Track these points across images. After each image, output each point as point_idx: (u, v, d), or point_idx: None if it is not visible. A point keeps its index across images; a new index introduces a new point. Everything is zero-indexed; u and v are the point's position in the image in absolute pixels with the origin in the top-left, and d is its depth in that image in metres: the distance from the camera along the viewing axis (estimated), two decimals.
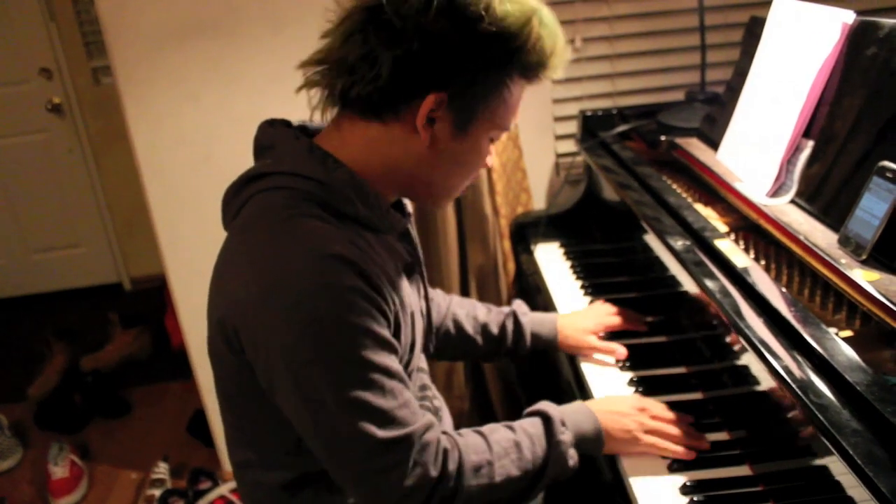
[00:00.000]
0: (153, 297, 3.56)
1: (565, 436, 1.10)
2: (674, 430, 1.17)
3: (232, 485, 2.33)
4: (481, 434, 1.07)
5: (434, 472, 0.97)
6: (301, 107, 1.12)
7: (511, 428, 1.09)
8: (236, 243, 0.99)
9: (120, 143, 3.30)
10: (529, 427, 1.10)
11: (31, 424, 2.89)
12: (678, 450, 1.15)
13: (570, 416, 1.13)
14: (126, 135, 1.99)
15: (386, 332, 0.95)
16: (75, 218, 3.90)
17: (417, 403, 1.00)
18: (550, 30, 0.96)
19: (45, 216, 3.86)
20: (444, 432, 1.04)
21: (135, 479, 2.56)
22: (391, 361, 0.95)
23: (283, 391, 0.95)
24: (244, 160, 1.10)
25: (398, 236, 1.08)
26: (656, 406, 1.21)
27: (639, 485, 1.10)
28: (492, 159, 1.08)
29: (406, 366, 1.05)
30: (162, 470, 2.47)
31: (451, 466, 0.99)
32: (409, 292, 1.08)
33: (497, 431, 1.08)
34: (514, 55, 0.95)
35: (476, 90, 0.95)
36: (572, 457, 1.10)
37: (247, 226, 0.98)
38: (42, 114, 3.64)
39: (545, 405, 1.14)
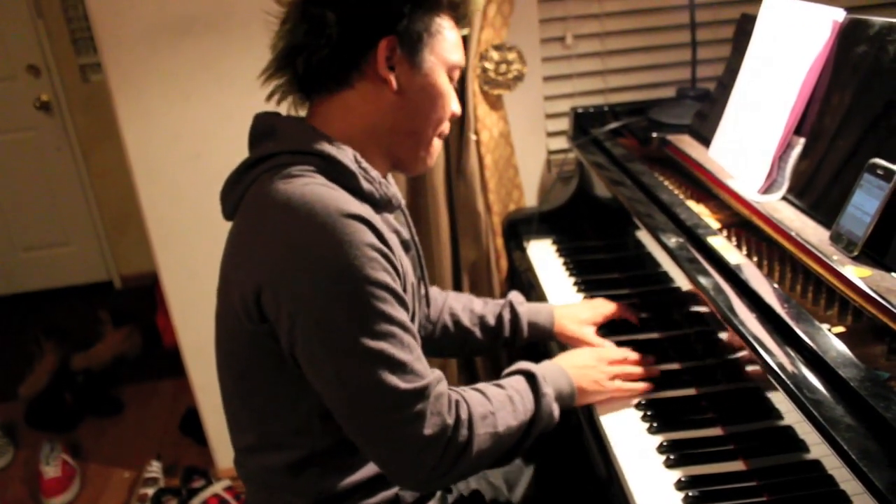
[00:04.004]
0: (143, 296, 3.55)
1: (548, 389, 1.16)
2: (633, 370, 1.30)
3: (225, 483, 2.33)
4: (478, 390, 1.12)
5: (450, 421, 1.01)
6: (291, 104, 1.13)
7: (500, 385, 1.15)
8: (251, 217, 1.03)
9: (109, 140, 3.30)
10: (516, 384, 1.16)
11: (21, 424, 2.88)
12: (639, 388, 1.28)
13: (548, 374, 1.20)
14: (116, 132, 1.98)
15: (399, 289, 0.99)
16: (64, 216, 3.88)
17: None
18: None
19: (34, 214, 3.85)
20: (452, 389, 1.08)
21: (127, 478, 2.55)
22: (405, 316, 1.00)
23: (307, 349, 0.97)
24: (235, 158, 1.11)
25: (394, 215, 1.14)
26: (612, 352, 1.33)
27: (635, 482, 1.11)
28: (458, 105, 1.17)
29: None
30: (155, 468, 2.47)
31: (464, 416, 1.04)
32: (409, 267, 1.13)
33: (490, 388, 1.13)
34: None
35: (417, 29, 1.05)
36: (556, 409, 1.17)
37: (260, 199, 1.01)
38: (30, 111, 3.62)
39: (525, 364, 1.21)
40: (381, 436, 1.00)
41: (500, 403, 1.10)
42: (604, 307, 1.50)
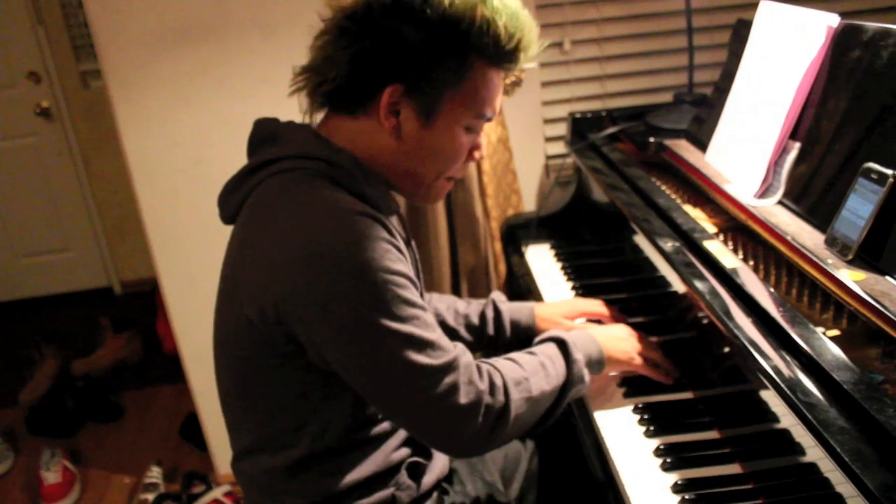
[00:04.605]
0: (144, 301, 3.55)
1: (579, 355, 1.20)
2: (658, 356, 1.33)
3: (225, 488, 2.33)
4: (509, 359, 1.15)
5: (482, 387, 1.04)
6: (290, 109, 1.14)
7: (532, 353, 1.18)
8: (258, 221, 1.04)
9: (109, 146, 3.31)
10: (547, 350, 1.20)
11: (22, 430, 2.88)
12: (662, 376, 1.31)
13: (579, 341, 1.23)
14: (116, 138, 1.99)
15: (413, 275, 1.02)
16: (65, 222, 3.89)
17: None
18: (503, 13, 1.00)
19: (35, 220, 3.85)
20: (484, 360, 1.12)
21: (128, 484, 2.55)
22: (421, 300, 1.02)
23: (337, 347, 0.99)
24: (235, 163, 1.12)
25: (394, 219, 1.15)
26: (644, 338, 1.36)
27: (632, 485, 1.11)
28: (482, 152, 1.15)
29: None
30: (155, 474, 2.47)
31: (498, 382, 1.07)
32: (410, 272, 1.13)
33: (522, 356, 1.16)
34: (464, 41, 1.00)
35: (434, 78, 1.02)
36: (587, 374, 1.21)
37: (266, 203, 1.03)
38: (30, 118, 3.63)
39: (556, 332, 1.24)
40: (421, 413, 1.03)
41: (532, 369, 1.13)
42: (584, 306, 1.53)
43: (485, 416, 1.04)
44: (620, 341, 1.31)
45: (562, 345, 1.20)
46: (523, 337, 1.51)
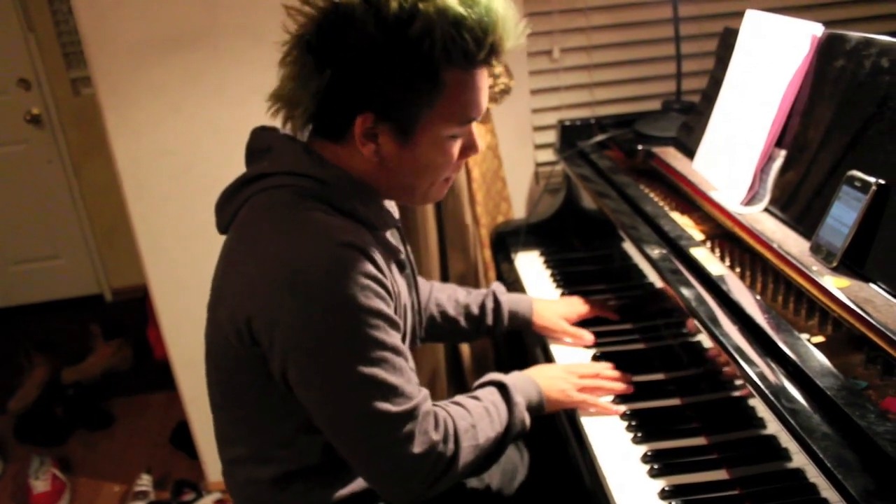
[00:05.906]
0: (135, 309, 3.54)
1: (519, 398, 1.20)
2: (604, 385, 1.31)
3: (216, 496, 2.33)
4: (458, 403, 1.15)
5: (437, 437, 1.04)
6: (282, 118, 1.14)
7: (476, 398, 1.18)
8: (244, 239, 1.03)
9: (100, 153, 3.30)
10: (490, 395, 1.19)
11: (11, 438, 2.87)
12: (606, 405, 1.28)
13: (518, 384, 1.23)
14: (106, 145, 1.99)
15: (392, 313, 1.00)
16: (55, 229, 3.87)
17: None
18: (470, 17, 0.92)
19: (25, 227, 3.83)
20: (435, 403, 1.10)
21: (118, 492, 2.54)
22: (398, 340, 1.01)
23: (300, 375, 0.99)
24: (226, 170, 1.11)
25: (390, 233, 1.15)
26: (584, 367, 1.35)
27: (619, 491, 1.11)
28: (477, 148, 1.10)
29: None
30: (145, 482, 2.46)
31: (450, 431, 1.06)
32: (403, 287, 1.14)
33: (468, 401, 1.16)
34: (429, 60, 0.94)
35: (405, 100, 0.97)
36: (527, 417, 1.20)
37: (254, 221, 1.02)
38: (21, 125, 3.62)
39: (496, 375, 1.24)
40: (372, 456, 1.02)
41: (479, 415, 1.12)
42: (579, 305, 1.55)
43: (434, 466, 1.04)
44: (558, 381, 1.29)
45: (503, 389, 1.20)
46: (519, 329, 1.54)
